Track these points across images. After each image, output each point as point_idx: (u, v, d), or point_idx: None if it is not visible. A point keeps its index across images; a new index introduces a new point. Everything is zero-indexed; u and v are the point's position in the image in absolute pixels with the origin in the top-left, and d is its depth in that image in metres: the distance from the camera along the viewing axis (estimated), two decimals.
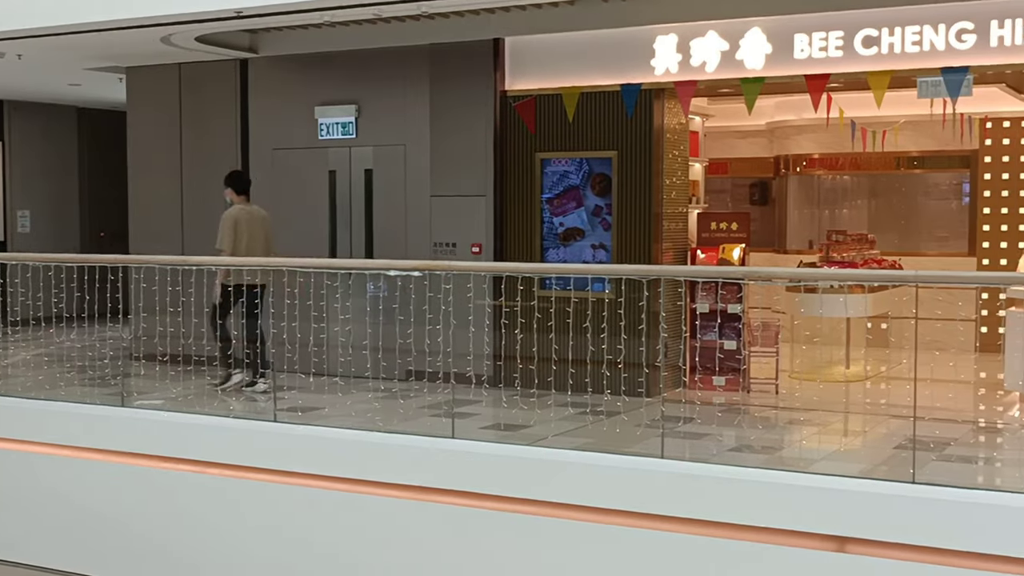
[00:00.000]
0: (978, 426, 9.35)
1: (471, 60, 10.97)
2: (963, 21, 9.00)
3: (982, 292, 12.94)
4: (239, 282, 10.06)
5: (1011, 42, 8.84)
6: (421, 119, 11.27)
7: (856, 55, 9.39)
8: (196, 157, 12.68)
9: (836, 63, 9.47)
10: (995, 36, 8.90)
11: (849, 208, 14.84)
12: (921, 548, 6.10)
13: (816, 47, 9.54)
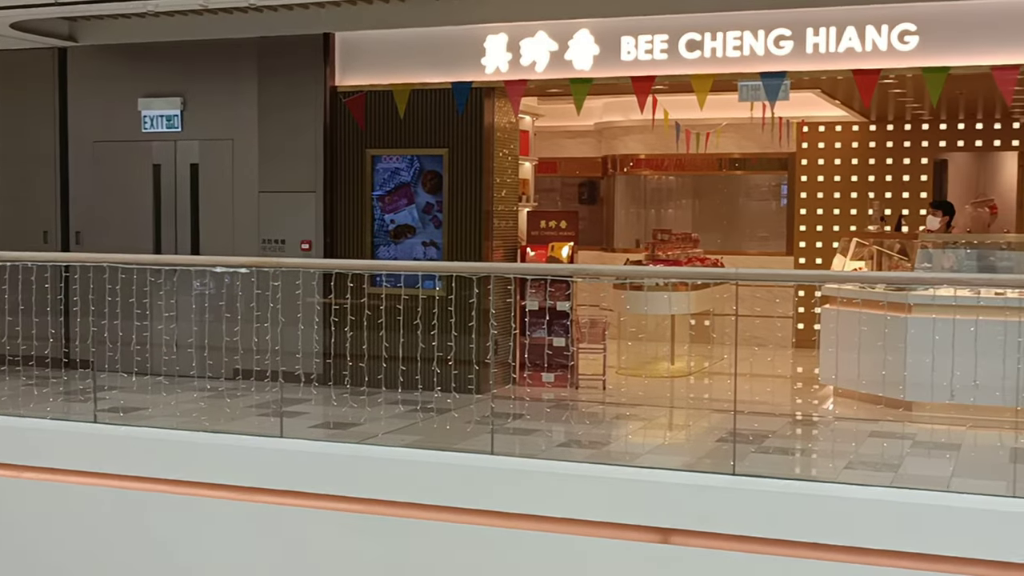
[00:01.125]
0: (795, 419, 9.70)
1: (301, 54, 10.83)
2: (781, 28, 9.32)
3: (799, 290, 13.47)
4: None
5: (825, 49, 9.19)
6: (249, 113, 11.07)
7: (680, 58, 9.63)
8: (12, 149, 12.16)
9: (661, 65, 9.69)
10: (811, 43, 9.24)
11: (674, 208, 15.20)
12: (741, 538, 6.29)
13: (642, 49, 9.74)
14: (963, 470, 7.36)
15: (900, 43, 9.00)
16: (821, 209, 13.94)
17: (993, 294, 8.73)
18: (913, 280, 9.03)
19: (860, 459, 7.79)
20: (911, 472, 7.41)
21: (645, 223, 14.94)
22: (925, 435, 8.44)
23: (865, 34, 9.08)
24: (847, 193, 13.82)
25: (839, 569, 6.08)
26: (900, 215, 13.04)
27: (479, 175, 10.42)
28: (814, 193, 13.97)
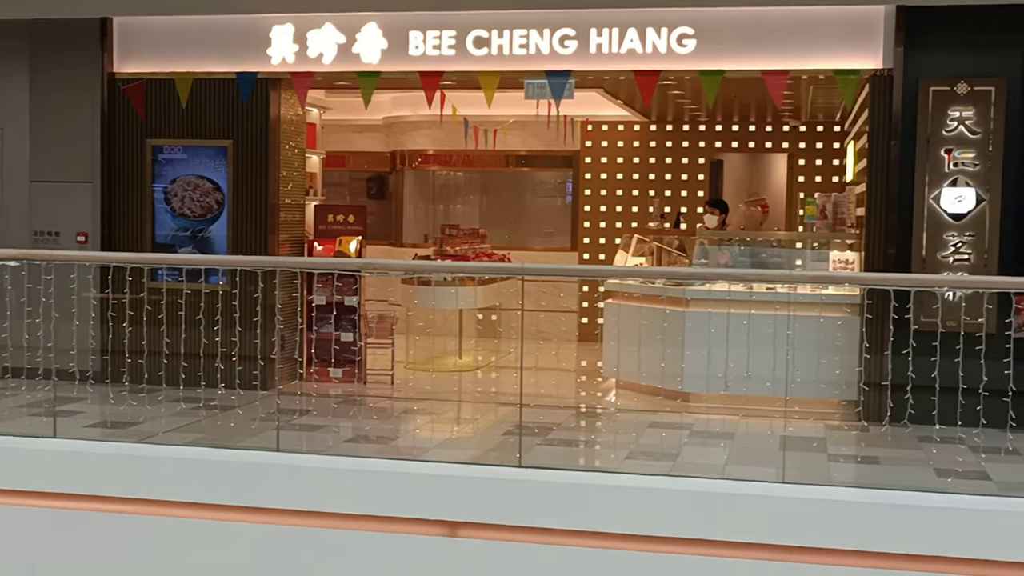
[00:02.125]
0: (579, 411, 9.92)
1: (77, 39, 10.38)
2: (566, 28, 9.50)
3: (583, 285, 13.75)
4: None
5: (608, 50, 9.42)
6: (20, 99, 10.54)
7: (468, 55, 9.69)
8: None
9: (449, 61, 9.73)
10: (594, 44, 9.45)
11: (462, 204, 15.30)
12: (528, 529, 6.39)
13: (430, 45, 9.76)
14: (737, 458, 7.68)
15: (679, 46, 9.31)
16: (604, 206, 14.29)
17: (765, 289, 9.12)
18: (691, 275, 9.36)
19: (641, 449, 8.02)
20: (688, 461, 7.67)
21: (433, 218, 14.99)
22: (702, 425, 8.76)
23: (646, 36, 9.35)
24: (629, 191, 14.21)
25: (622, 557, 6.25)
26: (679, 212, 13.50)
27: (264, 168, 10.24)
28: (598, 190, 14.31)
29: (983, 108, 8.77)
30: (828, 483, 6.93)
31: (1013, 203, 8.81)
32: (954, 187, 8.84)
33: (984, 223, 8.78)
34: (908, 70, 8.92)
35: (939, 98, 8.84)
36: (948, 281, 8.28)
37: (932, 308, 7.21)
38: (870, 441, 8.12)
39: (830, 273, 9.68)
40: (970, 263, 8.80)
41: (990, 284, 7.98)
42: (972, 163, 8.80)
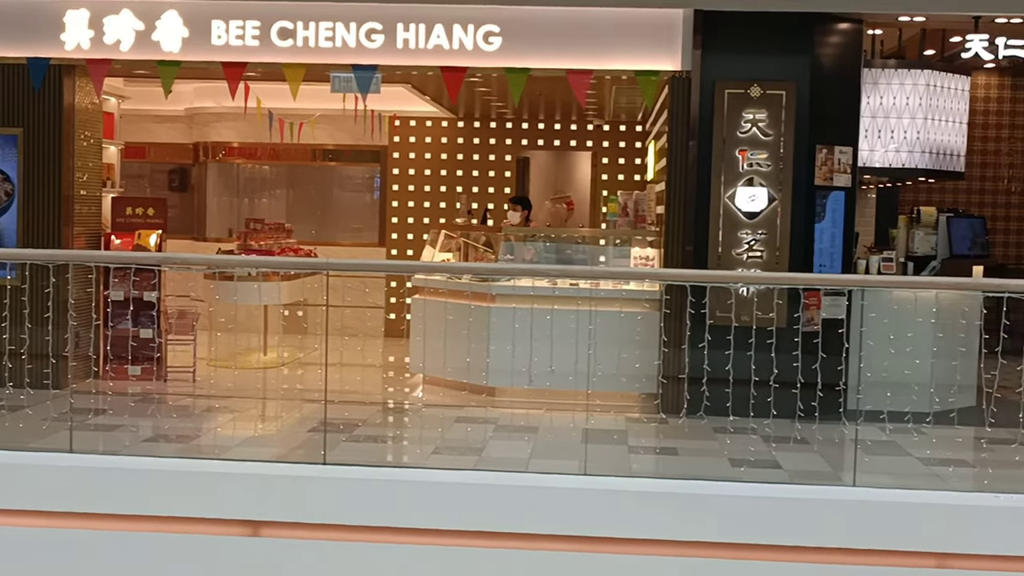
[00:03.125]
0: (386, 407, 9.88)
1: None
2: (372, 22, 9.43)
3: (391, 280, 13.71)
4: None
5: (415, 45, 9.40)
6: None
7: (273, 46, 9.52)
8: None
9: (253, 52, 9.54)
10: (401, 39, 9.42)
11: (268, 198, 15.05)
12: (333, 526, 6.33)
13: (233, 35, 9.54)
14: (540, 451, 7.79)
15: (485, 43, 9.37)
16: (412, 202, 14.27)
17: (568, 285, 9.28)
18: (495, 271, 9.45)
19: (447, 444, 8.05)
20: (493, 455, 7.74)
21: (238, 212, 14.68)
22: (507, 419, 8.85)
23: (452, 33, 9.38)
24: (437, 187, 14.24)
25: (429, 552, 6.26)
26: (486, 209, 13.60)
27: (57, 158, 9.83)
28: (406, 186, 14.28)
29: (775, 111, 9.13)
30: (628, 474, 7.11)
31: (802, 203, 9.20)
32: (748, 187, 9.17)
33: (776, 221, 9.14)
34: (705, 73, 9.21)
35: (734, 100, 9.16)
36: (742, 277, 8.59)
37: (726, 303, 7.48)
38: (668, 433, 8.36)
39: (631, 269, 9.92)
40: (763, 260, 9.14)
41: (781, 280, 8.33)
42: (765, 164, 9.15)
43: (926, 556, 6.10)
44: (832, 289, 8.71)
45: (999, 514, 6.14)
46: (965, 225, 10.71)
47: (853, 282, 8.18)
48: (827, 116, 9.30)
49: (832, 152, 9.31)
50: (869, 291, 8.33)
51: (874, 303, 8.33)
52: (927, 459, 7.47)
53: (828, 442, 7.42)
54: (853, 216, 9.55)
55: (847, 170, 9.40)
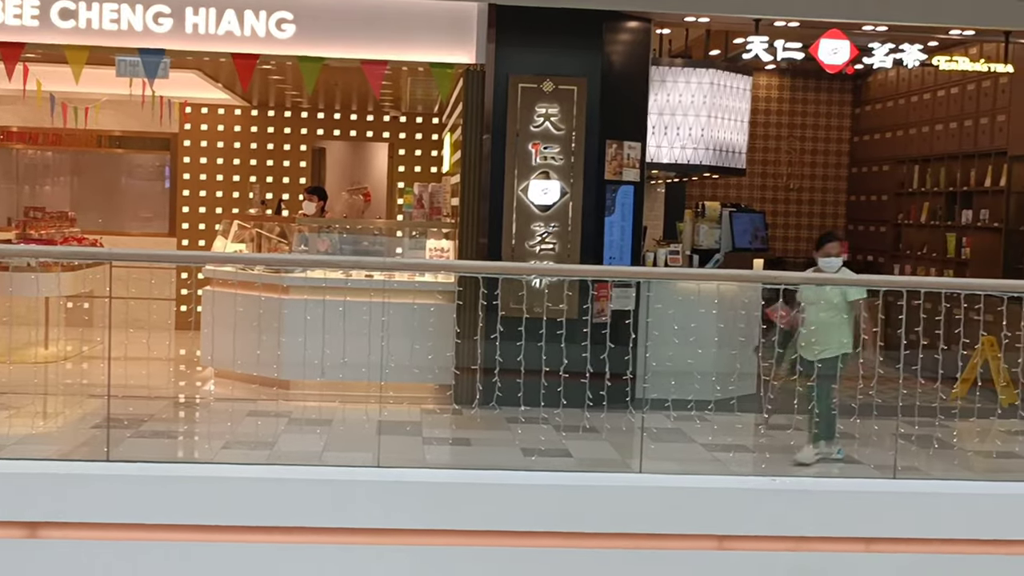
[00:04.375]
0: (176, 401, 9.62)
1: None
2: (160, 5, 9.15)
3: (182, 271, 13.34)
4: None
5: (205, 30, 9.17)
6: None
7: (53, 27, 9.12)
8: None
9: (31, 32, 9.12)
10: (190, 23, 9.17)
11: (51, 185, 14.43)
12: (118, 525, 6.13)
13: (11, 13, 9.10)
14: (334, 444, 7.73)
15: (278, 30, 9.22)
16: (204, 191, 13.93)
17: (364, 276, 9.22)
18: (288, 262, 9.32)
19: (237, 439, 7.90)
20: (286, 449, 7.64)
21: (18, 200, 14.03)
22: (299, 412, 8.75)
23: (244, 19, 9.19)
24: (230, 176, 13.93)
25: (219, 549, 6.13)
26: (280, 199, 13.39)
27: None
28: (197, 175, 13.93)
29: (567, 106, 9.30)
30: (422, 465, 7.13)
31: (593, 196, 9.40)
32: (541, 180, 9.32)
33: (567, 214, 9.32)
34: (499, 66, 9.30)
35: (527, 95, 9.29)
36: (534, 269, 8.72)
37: (519, 295, 7.58)
38: (462, 423, 8.42)
39: (427, 261, 9.94)
40: (555, 252, 9.31)
41: (572, 272, 8.48)
42: (557, 157, 9.31)
43: (708, 538, 6.33)
44: (621, 281, 8.93)
45: (776, 496, 6.42)
46: (747, 220, 11.17)
47: (641, 274, 8.41)
48: (617, 112, 9.53)
49: (621, 147, 9.54)
50: (656, 283, 8.58)
51: (660, 295, 8.58)
52: (709, 445, 7.75)
53: (616, 430, 7.60)
54: (641, 210, 9.82)
55: (636, 165, 9.65)
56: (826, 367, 7.60)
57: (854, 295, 7.78)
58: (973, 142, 12.46)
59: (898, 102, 14.35)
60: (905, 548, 6.39)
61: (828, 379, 7.61)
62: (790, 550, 6.33)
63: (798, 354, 7.84)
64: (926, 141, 13.55)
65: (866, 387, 6.89)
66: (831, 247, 7.95)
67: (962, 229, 12.54)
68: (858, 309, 7.78)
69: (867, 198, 15.22)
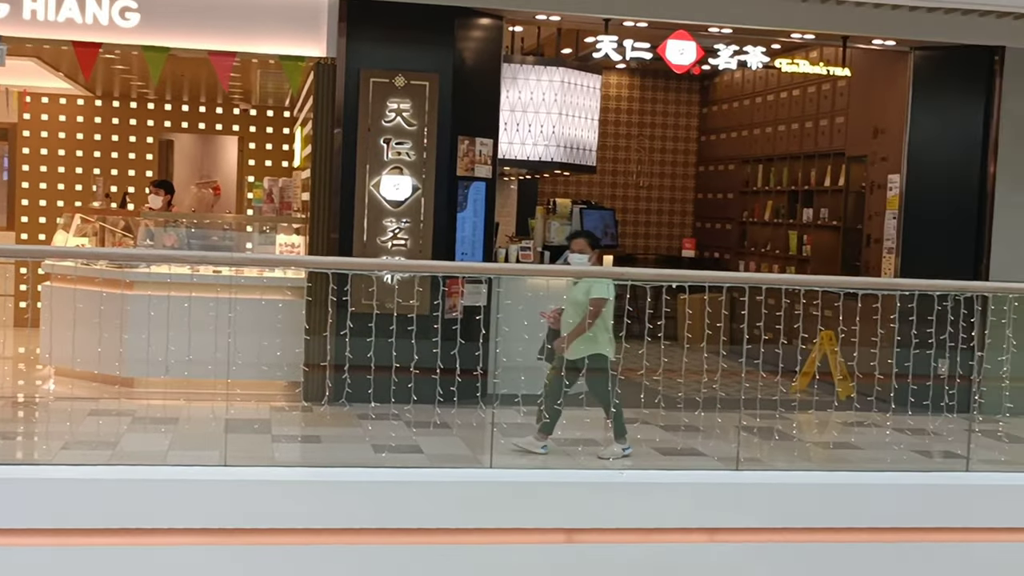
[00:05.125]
0: (14, 401, 9.29)
1: None
2: None
3: (21, 266, 12.90)
4: None
5: (44, 17, 8.86)
6: None
7: None
8: None
9: None
10: (28, 9, 8.85)
11: None
12: None
13: None
14: (180, 443, 7.57)
15: (121, 19, 8.97)
16: (45, 183, 13.46)
17: (212, 272, 9.04)
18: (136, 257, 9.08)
19: (78, 439, 7.67)
20: (129, 448, 7.45)
21: None
22: (144, 411, 8.54)
23: (86, 6, 8.91)
24: (72, 168, 13.50)
25: (61, 553, 5.95)
26: (125, 192, 13.03)
27: None
28: (38, 166, 13.45)
29: (419, 101, 9.28)
30: (271, 464, 7.04)
31: (445, 192, 9.41)
32: (393, 175, 9.28)
33: (419, 210, 9.30)
34: (350, 60, 9.23)
35: (379, 89, 9.24)
36: (386, 265, 8.68)
37: (369, 291, 7.53)
38: (312, 421, 8.34)
39: (279, 256, 9.80)
40: (407, 248, 9.28)
41: (424, 268, 8.46)
42: (409, 153, 9.29)
43: (556, 532, 6.39)
44: (473, 278, 8.96)
45: (623, 489, 6.52)
46: (597, 217, 11.34)
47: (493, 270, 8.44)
48: (469, 108, 9.55)
49: (473, 143, 9.57)
50: (507, 279, 8.64)
51: (511, 291, 8.63)
52: (559, 439, 7.83)
53: (467, 426, 7.63)
54: (493, 206, 9.87)
55: (488, 161, 9.70)
56: (593, 364, 7.58)
57: (594, 293, 7.71)
58: (813, 143, 12.87)
59: (743, 103, 14.74)
60: (748, 538, 6.57)
61: (599, 378, 7.58)
62: (637, 542, 6.44)
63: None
64: (769, 141, 13.95)
65: (710, 381, 7.06)
66: (576, 243, 8.02)
67: (803, 227, 12.94)
68: (597, 307, 7.67)
69: (714, 196, 15.59)
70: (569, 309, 7.80)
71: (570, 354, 7.68)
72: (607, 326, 7.78)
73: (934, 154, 10.43)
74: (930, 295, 7.35)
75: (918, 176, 10.45)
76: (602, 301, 7.71)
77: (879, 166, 10.98)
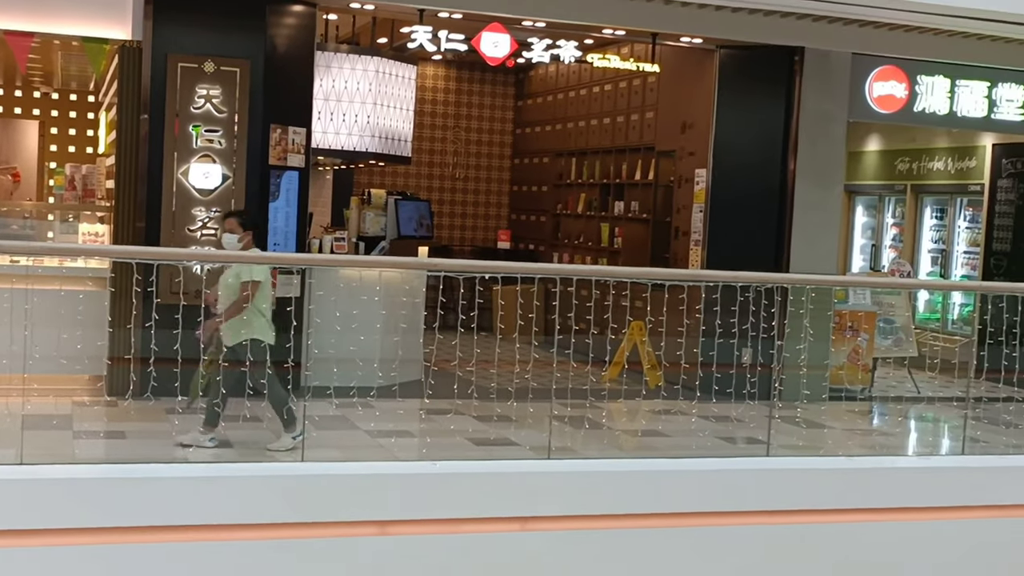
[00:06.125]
0: None
1: None
2: None
3: None
4: None
5: None
6: None
7: None
8: None
9: None
10: None
11: None
12: None
13: None
14: None
15: None
16: None
17: (9, 261, 8.65)
18: None
19: None
20: None
21: None
22: None
23: None
24: None
25: None
26: None
27: None
28: None
29: (229, 88, 9.07)
30: (72, 461, 6.78)
31: (256, 181, 9.22)
32: (202, 163, 9.05)
33: (230, 199, 9.10)
34: (157, 44, 8.95)
35: (187, 75, 8.99)
36: (194, 255, 8.45)
37: (176, 281, 7.33)
38: (116, 416, 8.07)
39: (84, 246, 9.46)
40: (217, 238, 9.06)
41: (234, 259, 8.27)
42: (219, 141, 9.07)
43: (369, 524, 6.35)
44: (285, 268, 8.82)
45: (436, 480, 6.53)
46: (412, 208, 11.30)
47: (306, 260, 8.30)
48: (282, 96, 9.39)
49: (286, 132, 9.42)
50: (319, 270, 8.54)
51: (324, 282, 8.53)
52: (372, 431, 7.79)
53: (277, 419, 7.51)
54: (307, 196, 9.74)
55: (301, 150, 9.55)
56: (254, 351, 7.42)
57: (244, 277, 7.50)
58: (624, 137, 13.13)
59: (557, 97, 14.93)
60: (560, 526, 6.66)
61: (260, 366, 7.38)
62: (450, 532, 6.46)
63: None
64: (582, 135, 14.17)
65: (523, 371, 7.12)
66: (228, 223, 7.83)
67: (615, 220, 13.20)
68: (247, 291, 7.47)
69: (529, 189, 15.75)
70: (223, 293, 7.57)
71: (227, 340, 7.51)
72: (261, 310, 7.58)
73: (739, 150, 10.78)
74: (733, 286, 7.60)
75: (723, 171, 10.78)
76: (251, 284, 7.48)
77: (687, 161, 11.28)
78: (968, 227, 13.50)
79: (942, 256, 13.76)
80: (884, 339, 11.48)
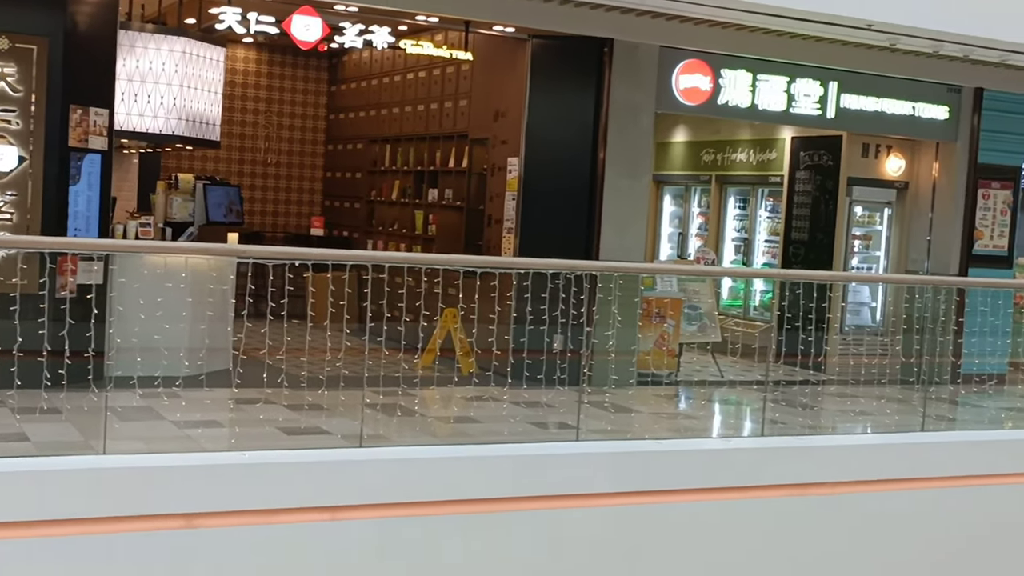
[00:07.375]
0: None
1: None
2: None
3: None
4: None
5: None
6: None
7: None
8: None
9: None
10: None
11: None
12: None
13: None
14: None
15: None
16: None
17: None
18: None
19: None
20: None
21: None
22: None
23: None
24: None
25: None
26: None
27: None
28: None
29: (26, 66, 8.68)
30: None
31: (56, 164, 8.87)
32: None
33: (26, 183, 8.72)
34: None
35: None
36: None
37: None
38: None
39: None
40: (13, 223, 8.69)
41: (31, 244, 7.95)
42: (15, 121, 8.68)
43: (175, 517, 6.20)
44: (86, 255, 8.52)
45: (245, 471, 6.42)
46: (221, 193, 11.08)
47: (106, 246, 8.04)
48: (83, 76, 9.05)
49: (87, 113, 9.08)
50: (122, 256, 8.28)
51: (126, 268, 8.26)
52: (179, 422, 7.60)
53: (78, 411, 7.24)
54: (110, 180, 9.41)
55: (103, 132, 9.22)
56: None
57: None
58: (438, 124, 13.15)
59: (371, 83, 14.84)
60: (370, 514, 6.64)
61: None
62: (259, 523, 6.36)
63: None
64: (396, 122, 14.12)
65: (334, 359, 7.06)
66: None
67: (429, 207, 13.21)
68: None
69: (343, 175, 15.62)
70: None
71: None
72: None
73: (550, 139, 10.92)
74: (544, 274, 7.70)
75: (535, 160, 10.91)
76: None
77: (500, 149, 11.37)
78: (769, 217, 14.02)
79: (744, 244, 14.27)
80: (689, 325, 11.83)
